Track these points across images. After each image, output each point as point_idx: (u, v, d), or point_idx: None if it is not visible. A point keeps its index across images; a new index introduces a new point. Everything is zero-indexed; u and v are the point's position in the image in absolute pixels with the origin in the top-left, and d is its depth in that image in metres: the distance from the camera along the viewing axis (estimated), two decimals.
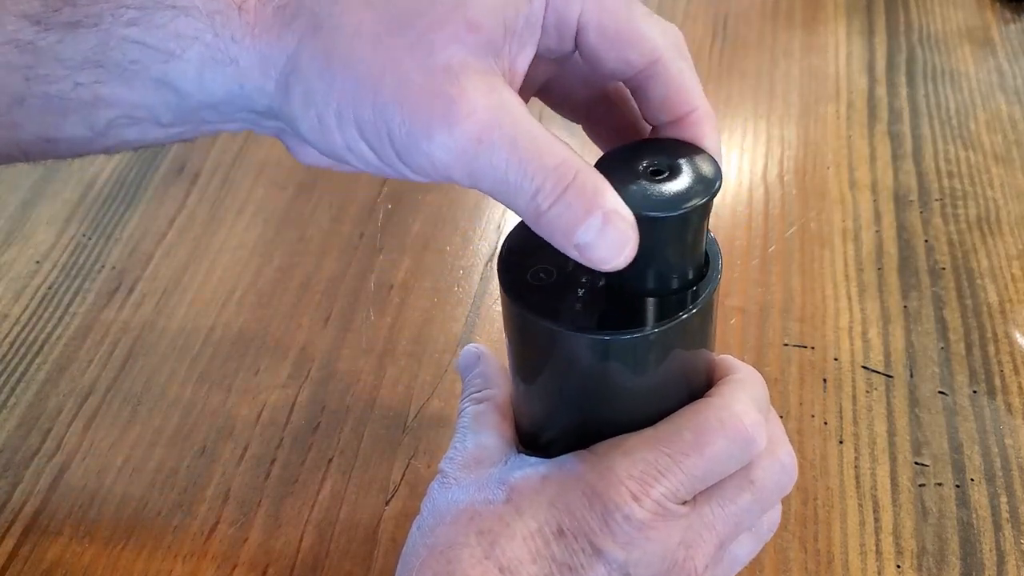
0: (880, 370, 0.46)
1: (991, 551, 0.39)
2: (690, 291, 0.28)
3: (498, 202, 0.26)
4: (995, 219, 0.54)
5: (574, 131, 0.32)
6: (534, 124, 0.24)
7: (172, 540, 0.40)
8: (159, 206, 0.57)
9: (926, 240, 0.52)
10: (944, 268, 0.51)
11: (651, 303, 0.27)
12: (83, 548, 0.40)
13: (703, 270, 0.28)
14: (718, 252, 0.29)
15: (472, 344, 0.36)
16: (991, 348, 0.47)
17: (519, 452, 0.32)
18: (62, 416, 0.45)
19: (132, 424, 0.45)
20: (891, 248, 0.52)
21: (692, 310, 0.27)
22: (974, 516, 0.40)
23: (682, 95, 0.27)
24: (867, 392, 0.45)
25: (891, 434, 0.43)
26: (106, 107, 0.27)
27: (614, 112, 0.31)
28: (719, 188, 0.26)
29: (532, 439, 0.33)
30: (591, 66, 0.27)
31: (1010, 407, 0.44)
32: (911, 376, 0.46)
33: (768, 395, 0.31)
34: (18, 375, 0.47)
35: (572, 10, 0.26)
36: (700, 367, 0.30)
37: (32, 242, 0.55)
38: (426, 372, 0.47)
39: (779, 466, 0.30)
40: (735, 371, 0.31)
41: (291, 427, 0.45)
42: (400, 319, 0.49)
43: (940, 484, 0.41)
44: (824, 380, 0.46)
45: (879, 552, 0.39)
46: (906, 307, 0.49)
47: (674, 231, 0.26)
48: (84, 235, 0.55)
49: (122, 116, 0.28)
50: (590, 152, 0.28)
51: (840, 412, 0.44)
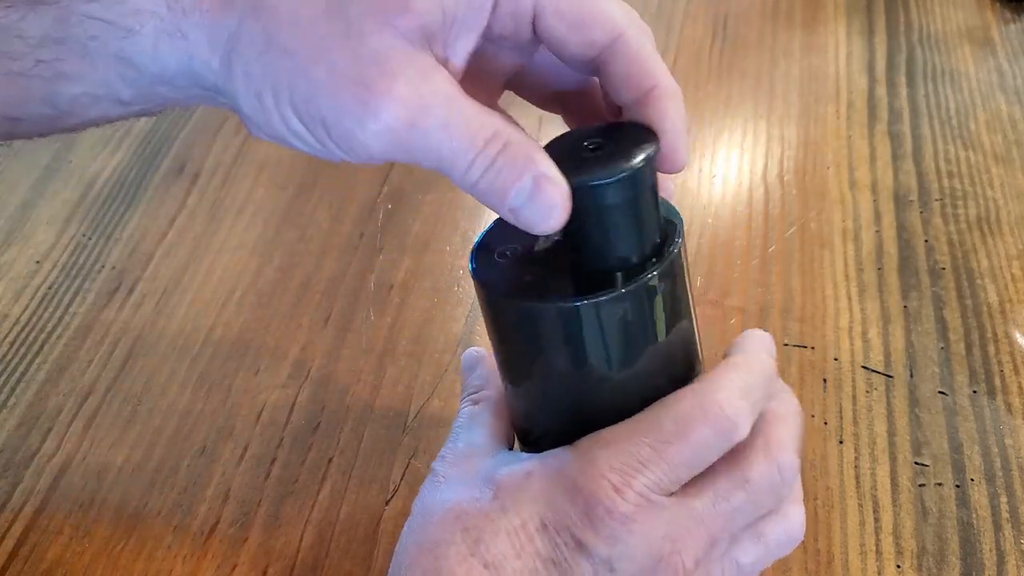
0: (880, 370, 0.46)
1: (991, 551, 0.39)
2: (650, 260, 0.28)
3: None
4: (995, 219, 0.54)
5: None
6: (466, 102, 0.25)
7: (172, 540, 0.40)
8: (159, 206, 0.57)
9: (926, 240, 0.52)
10: (944, 268, 0.51)
11: (615, 275, 0.28)
12: (83, 548, 0.40)
13: (661, 244, 0.28)
14: (678, 225, 0.29)
15: (473, 347, 0.37)
16: (991, 348, 0.47)
17: (510, 450, 0.32)
18: (62, 416, 0.45)
19: (132, 424, 0.45)
20: (891, 248, 0.52)
21: (653, 273, 0.27)
22: (974, 516, 0.40)
23: (644, 70, 0.27)
24: (867, 392, 0.45)
25: (891, 434, 0.43)
26: (68, 84, 0.28)
27: (587, 101, 0.31)
28: (652, 156, 0.26)
29: (525, 435, 0.33)
30: (554, 50, 0.27)
31: (1010, 407, 0.44)
32: (911, 376, 0.46)
33: (769, 383, 0.30)
34: (18, 375, 0.47)
35: None
36: (678, 348, 0.30)
37: (32, 242, 0.55)
38: (426, 372, 0.47)
39: (775, 469, 0.29)
40: (737, 351, 0.31)
41: (291, 427, 0.45)
42: (400, 319, 0.49)
43: (940, 484, 0.41)
44: (824, 380, 0.46)
45: (879, 552, 0.39)
46: (906, 307, 0.49)
47: (610, 198, 0.26)
48: (84, 235, 0.55)
49: (83, 94, 0.29)
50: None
51: (840, 412, 0.44)
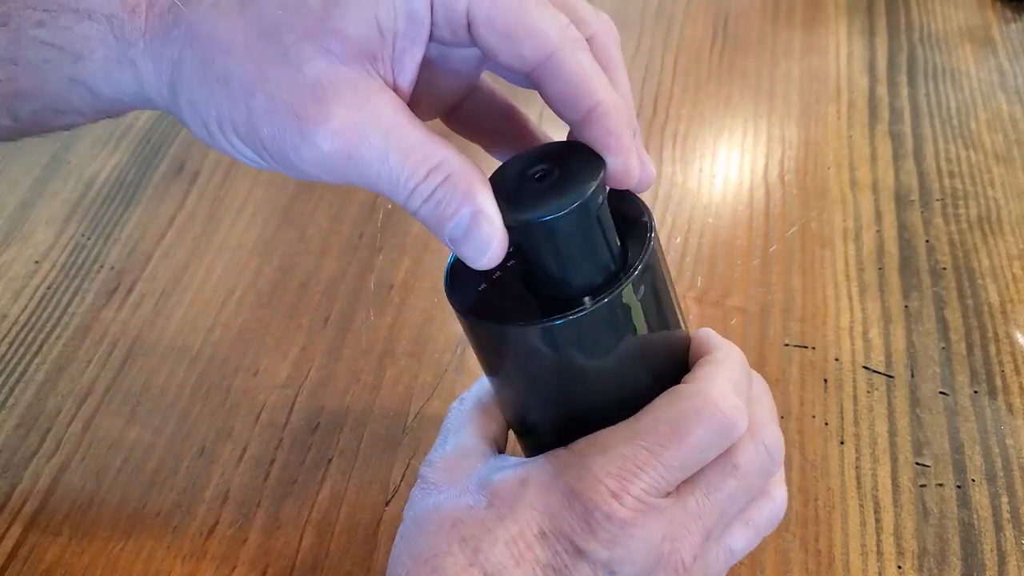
0: (881, 370, 0.46)
1: (992, 551, 0.39)
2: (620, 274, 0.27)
3: None
4: (996, 219, 0.54)
5: None
6: (409, 128, 0.25)
7: (171, 541, 0.40)
8: (158, 206, 0.57)
9: (927, 240, 0.52)
10: (945, 268, 0.51)
11: (578, 296, 0.27)
12: (82, 548, 0.40)
13: (625, 254, 0.28)
14: (648, 232, 0.28)
15: None
16: (992, 348, 0.47)
17: (501, 452, 0.31)
18: (61, 416, 0.45)
19: (131, 424, 0.45)
20: (892, 248, 0.52)
21: (618, 289, 0.27)
22: (975, 516, 0.40)
23: (580, 90, 0.26)
24: (868, 392, 0.45)
25: (892, 434, 0.43)
26: (26, 101, 0.28)
27: (520, 135, 0.31)
28: (599, 184, 0.26)
29: (517, 428, 0.33)
30: (491, 60, 0.27)
31: (1011, 407, 0.44)
32: (912, 376, 0.46)
33: (749, 373, 0.31)
34: (17, 375, 0.47)
35: (459, 3, 0.25)
36: (663, 349, 0.30)
37: (31, 242, 0.55)
38: (426, 372, 0.47)
39: (762, 449, 0.29)
40: (712, 349, 0.30)
41: (290, 427, 0.44)
42: (400, 319, 0.49)
43: (941, 484, 0.41)
44: (825, 380, 0.45)
45: (880, 553, 0.39)
46: (907, 307, 0.49)
47: (557, 231, 0.26)
48: (83, 235, 0.55)
49: (44, 108, 0.29)
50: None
51: (841, 412, 0.44)
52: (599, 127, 0.26)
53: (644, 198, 0.30)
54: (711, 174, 0.57)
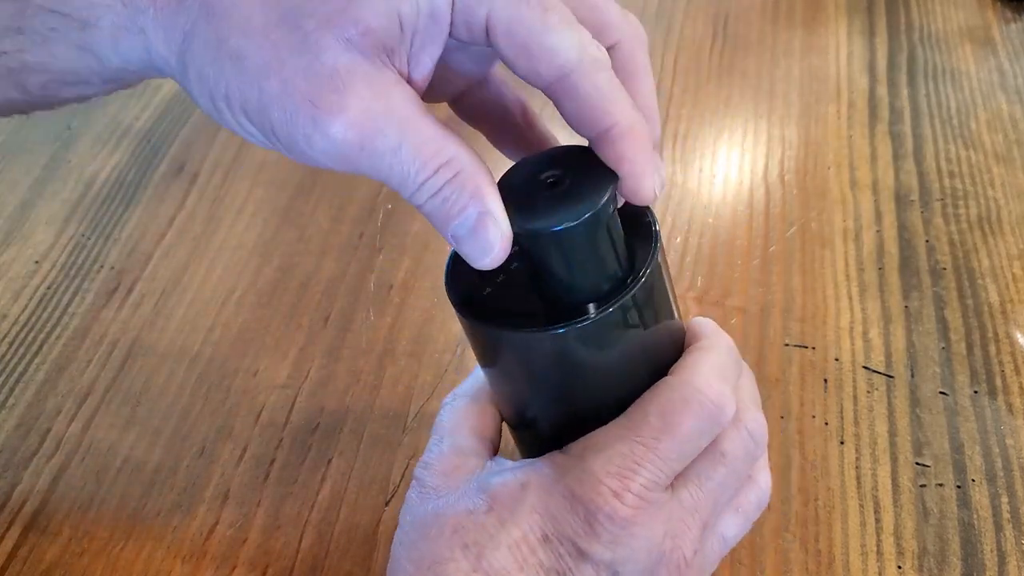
0: (881, 370, 0.46)
1: (992, 552, 0.39)
2: (628, 279, 0.27)
3: None
4: (996, 219, 0.54)
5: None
6: (423, 123, 0.24)
7: (171, 540, 0.40)
8: (158, 206, 0.57)
9: (927, 240, 0.52)
10: (945, 268, 0.51)
11: (582, 303, 0.27)
12: (82, 548, 0.40)
13: (630, 262, 0.28)
14: (653, 238, 0.28)
15: None
16: (992, 348, 0.47)
17: (496, 451, 0.31)
18: (61, 416, 0.45)
19: (131, 424, 0.45)
20: (892, 248, 0.52)
21: (624, 297, 0.27)
22: (975, 517, 0.40)
23: (596, 112, 0.25)
24: (868, 392, 0.45)
25: (892, 434, 0.43)
26: (34, 73, 0.28)
27: (527, 131, 0.31)
28: (611, 196, 0.25)
29: (514, 430, 0.33)
30: (509, 66, 0.26)
31: (1011, 407, 0.44)
32: (912, 376, 0.46)
33: (738, 359, 0.31)
34: (17, 375, 0.47)
35: (480, 9, 0.25)
36: (663, 348, 0.30)
37: (31, 242, 0.55)
38: (426, 372, 0.47)
39: (746, 434, 0.30)
40: (699, 337, 0.30)
41: (290, 427, 0.44)
42: (400, 319, 0.49)
43: (941, 484, 0.41)
44: (825, 380, 0.45)
45: (880, 553, 0.39)
46: (907, 307, 0.49)
47: (565, 240, 0.26)
48: (83, 235, 0.55)
49: (51, 80, 0.29)
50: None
51: (841, 412, 0.44)
52: (614, 149, 0.26)
53: None
54: (711, 174, 0.57)
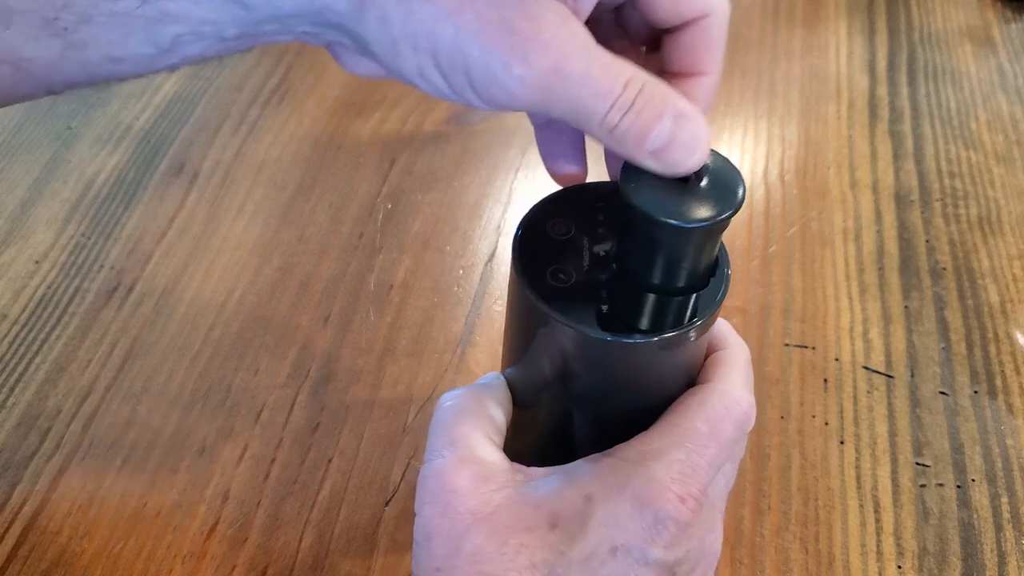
0: (881, 370, 0.46)
1: (992, 552, 0.39)
2: (701, 291, 0.28)
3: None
4: (996, 219, 0.54)
5: None
6: (600, 49, 0.25)
7: (171, 540, 0.40)
8: (158, 205, 0.57)
9: (927, 240, 0.52)
10: (945, 268, 0.51)
11: (667, 305, 0.28)
12: (82, 548, 0.40)
13: (712, 271, 0.29)
14: (725, 253, 0.29)
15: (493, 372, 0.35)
16: (992, 348, 0.47)
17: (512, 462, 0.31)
18: (61, 416, 0.45)
19: (131, 424, 0.45)
20: (892, 248, 0.52)
21: (713, 309, 0.28)
22: (975, 516, 0.40)
23: (709, 56, 0.27)
24: (868, 392, 0.45)
25: (892, 434, 0.43)
26: (172, 23, 0.27)
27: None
28: (733, 212, 0.26)
29: (523, 410, 0.33)
30: (643, 8, 0.28)
31: (1011, 407, 0.44)
32: (912, 376, 0.46)
33: (750, 366, 0.32)
34: (17, 375, 0.47)
35: None
36: (701, 354, 0.31)
37: (31, 242, 0.55)
38: (426, 372, 0.47)
39: (738, 425, 0.31)
40: (724, 344, 0.31)
41: (291, 427, 0.44)
42: (400, 319, 0.49)
43: (941, 484, 0.41)
44: (825, 380, 0.45)
45: (880, 553, 0.39)
46: (907, 307, 0.49)
47: (690, 238, 0.26)
48: (83, 235, 0.55)
49: (187, 32, 0.27)
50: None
51: (841, 412, 0.44)
52: (701, 36, 0.27)
53: None
54: None
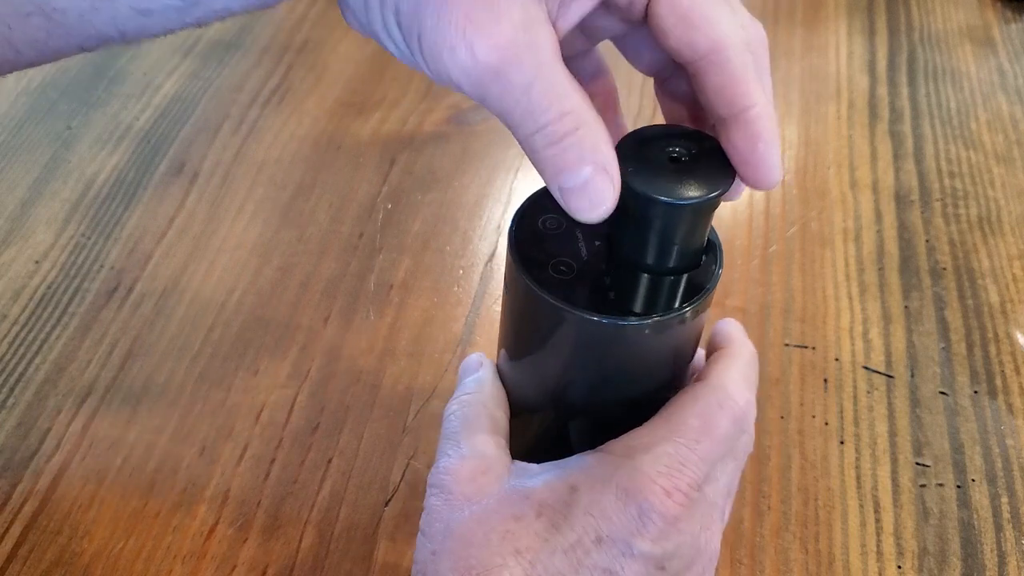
0: (881, 370, 0.46)
1: (992, 552, 0.39)
2: (700, 272, 0.28)
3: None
4: (996, 219, 0.54)
5: None
6: (558, 68, 0.24)
7: (171, 540, 0.40)
8: (158, 205, 0.57)
9: (927, 240, 0.52)
10: (945, 268, 0.51)
11: (663, 289, 0.28)
12: (82, 548, 0.40)
13: (702, 256, 0.29)
14: (718, 243, 0.29)
15: (475, 353, 0.36)
16: (992, 348, 0.47)
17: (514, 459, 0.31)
18: (61, 416, 0.45)
19: (131, 424, 0.45)
20: (892, 248, 0.52)
21: (707, 292, 0.28)
22: (975, 517, 0.40)
23: (740, 90, 0.26)
24: (868, 392, 0.45)
25: (892, 434, 0.43)
26: None
27: (604, 110, 0.31)
28: (724, 191, 0.26)
29: (524, 433, 0.33)
30: (658, 38, 0.27)
31: (1011, 407, 0.44)
32: (912, 376, 0.46)
33: (757, 364, 0.32)
34: (17, 375, 0.47)
35: None
36: (694, 343, 0.31)
37: (31, 242, 0.55)
38: (426, 372, 0.47)
39: (749, 434, 0.31)
40: (728, 340, 0.32)
41: (291, 427, 0.44)
42: (400, 319, 0.49)
43: (941, 484, 0.41)
44: (825, 380, 0.45)
45: (880, 553, 0.39)
46: (907, 307, 0.49)
47: (674, 217, 0.26)
48: (83, 235, 0.55)
49: None
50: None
51: (841, 412, 0.44)
52: (750, 129, 0.26)
53: None
54: None
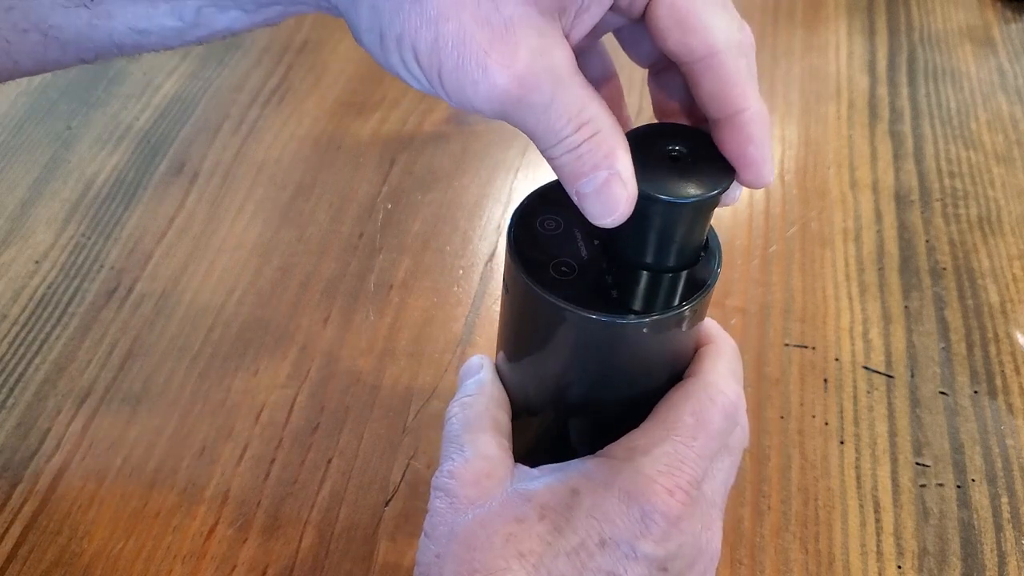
0: (881, 370, 0.46)
1: (992, 552, 0.39)
2: (698, 272, 0.28)
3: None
4: (996, 219, 0.54)
5: None
6: (574, 82, 0.25)
7: (171, 541, 0.40)
8: (158, 205, 0.57)
9: (927, 240, 0.52)
10: (945, 268, 0.51)
11: (663, 288, 0.28)
12: (82, 549, 0.40)
13: (701, 254, 0.29)
14: (717, 242, 0.29)
15: (476, 355, 0.36)
16: (992, 348, 0.47)
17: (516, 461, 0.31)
18: (61, 416, 0.45)
19: (131, 424, 0.45)
20: (892, 248, 0.52)
21: (707, 289, 0.28)
22: (975, 517, 0.40)
23: (734, 93, 0.27)
24: (868, 392, 0.45)
25: (892, 434, 0.43)
26: None
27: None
28: (725, 189, 0.26)
29: (525, 436, 0.33)
30: (655, 38, 0.27)
31: (1011, 407, 0.44)
32: (912, 376, 0.46)
33: (740, 359, 0.32)
34: (17, 375, 0.47)
35: None
36: (693, 344, 0.31)
37: (31, 242, 0.55)
38: (426, 372, 0.47)
39: (742, 427, 0.31)
40: (711, 338, 0.32)
41: (291, 427, 0.44)
42: (400, 319, 0.49)
43: (941, 484, 0.41)
44: (825, 380, 0.45)
45: (880, 553, 0.39)
46: (907, 307, 0.49)
47: (670, 215, 0.26)
48: (83, 235, 0.55)
49: (209, 4, 0.29)
50: None
51: (841, 412, 0.44)
52: (744, 131, 0.27)
53: None
54: None
